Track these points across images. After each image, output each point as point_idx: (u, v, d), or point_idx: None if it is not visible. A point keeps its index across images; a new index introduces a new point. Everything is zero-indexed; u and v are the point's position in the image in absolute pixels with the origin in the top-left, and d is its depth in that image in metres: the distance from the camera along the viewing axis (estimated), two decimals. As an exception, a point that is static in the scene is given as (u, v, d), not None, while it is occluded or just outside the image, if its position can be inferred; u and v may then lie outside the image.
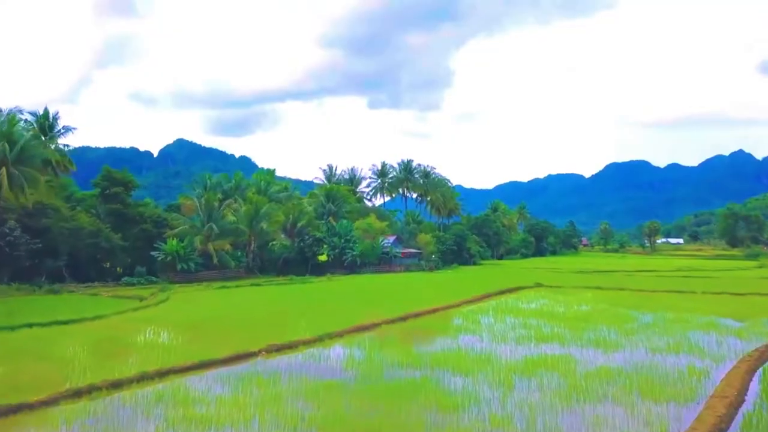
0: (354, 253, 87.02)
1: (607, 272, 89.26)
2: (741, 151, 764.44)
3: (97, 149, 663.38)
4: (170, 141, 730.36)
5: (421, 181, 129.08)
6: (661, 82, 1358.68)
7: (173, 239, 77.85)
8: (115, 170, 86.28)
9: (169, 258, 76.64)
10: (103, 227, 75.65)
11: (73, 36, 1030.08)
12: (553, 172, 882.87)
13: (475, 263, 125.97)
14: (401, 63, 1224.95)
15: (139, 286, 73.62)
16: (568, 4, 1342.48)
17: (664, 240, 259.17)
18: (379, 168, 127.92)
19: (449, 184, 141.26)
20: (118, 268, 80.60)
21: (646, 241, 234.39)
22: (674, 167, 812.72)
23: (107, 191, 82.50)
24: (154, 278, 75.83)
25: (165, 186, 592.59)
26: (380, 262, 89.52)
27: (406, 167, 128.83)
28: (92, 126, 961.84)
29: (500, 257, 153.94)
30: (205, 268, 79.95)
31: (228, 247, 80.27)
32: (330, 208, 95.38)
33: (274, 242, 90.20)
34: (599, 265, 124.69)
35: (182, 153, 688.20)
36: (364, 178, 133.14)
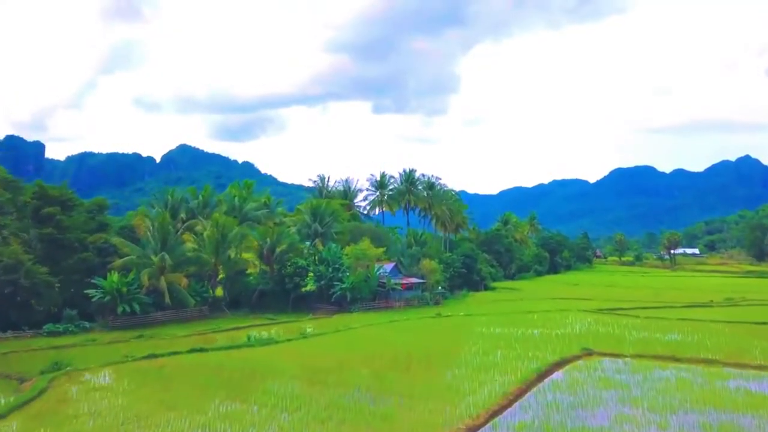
0: (343, 285, 70.07)
1: (654, 309, 71.74)
2: (748, 157, 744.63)
3: (98, 155, 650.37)
4: (173, 146, 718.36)
5: (425, 193, 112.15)
6: (668, 86, 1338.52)
7: (114, 273, 61.13)
8: (50, 185, 69.93)
9: (107, 298, 59.92)
10: (25, 259, 58.90)
11: (78, 41, 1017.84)
12: (558, 178, 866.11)
13: (486, 287, 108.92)
14: (407, 68, 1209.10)
15: (67, 335, 57.05)
16: (579, 8, 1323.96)
17: (680, 251, 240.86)
18: (378, 179, 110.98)
19: (456, 196, 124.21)
20: (52, 308, 63.92)
21: (664, 253, 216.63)
22: (680, 173, 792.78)
23: (40, 212, 65.97)
24: (87, 324, 59.13)
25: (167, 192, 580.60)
26: (375, 296, 72.48)
27: (408, 178, 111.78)
28: (95, 131, 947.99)
29: (513, 276, 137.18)
30: (157, 308, 63.15)
31: (184, 282, 63.35)
32: (316, 229, 78.39)
33: (248, 272, 73.37)
34: (628, 289, 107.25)
35: (185, 158, 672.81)
36: (360, 190, 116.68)
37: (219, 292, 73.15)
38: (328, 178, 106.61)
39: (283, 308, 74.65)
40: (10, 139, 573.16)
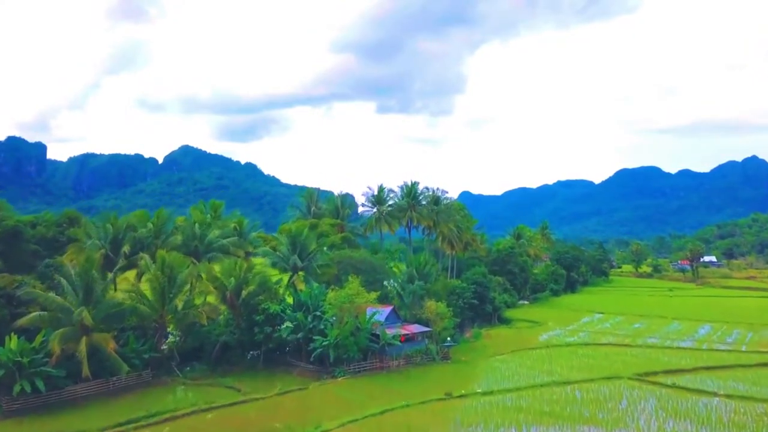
0: (325, 341, 53.56)
1: (725, 368, 54.68)
2: (754, 157, 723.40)
3: (101, 156, 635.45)
4: (176, 147, 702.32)
5: (430, 208, 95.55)
6: (674, 87, 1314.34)
7: (14, 337, 44.86)
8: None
9: (1, 372, 43.62)
10: None
11: (83, 42, 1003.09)
12: (562, 178, 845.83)
13: (500, 318, 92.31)
14: (413, 68, 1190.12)
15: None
16: (588, 8, 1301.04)
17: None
18: (375, 193, 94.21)
19: (464, 210, 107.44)
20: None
21: (684, 263, 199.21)
22: (685, 173, 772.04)
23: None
24: (-31, 410, 42.84)
25: (168, 193, 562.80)
26: (367, 355, 55.90)
27: (410, 192, 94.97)
28: (98, 132, 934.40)
29: (528, 298, 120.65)
30: (75, 380, 46.81)
31: (111, 345, 46.88)
32: (295, 263, 61.85)
33: (207, 320, 56.76)
34: (665, 322, 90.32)
35: (187, 159, 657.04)
36: (361, 207, 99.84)
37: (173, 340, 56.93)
38: (318, 193, 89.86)
39: (251, 365, 58.32)
40: (12, 140, 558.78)
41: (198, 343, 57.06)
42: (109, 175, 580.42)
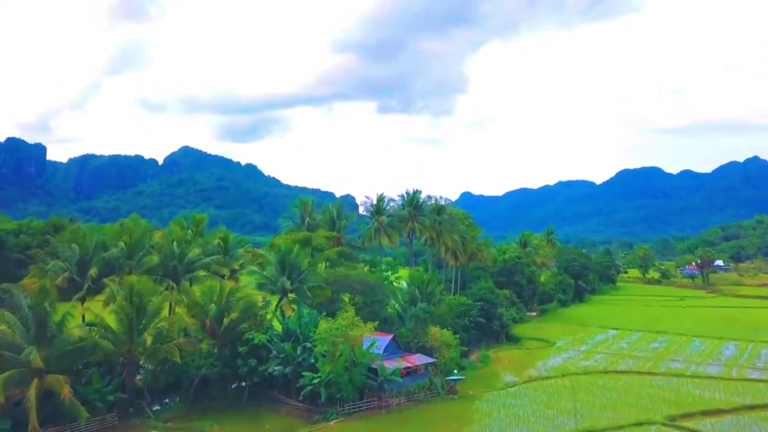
0: (315, 379, 46.77)
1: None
2: (756, 158, 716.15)
3: (101, 157, 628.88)
4: (176, 148, 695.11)
5: (432, 218, 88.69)
6: (675, 87, 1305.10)
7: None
8: None
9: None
10: None
11: (84, 42, 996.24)
12: (564, 179, 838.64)
13: (508, 336, 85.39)
14: (414, 68, 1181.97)
15: None
16: (591, 8, 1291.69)
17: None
18: (374, 202, 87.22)
19: (470, 219, 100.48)
20: None
21: (692, 268, 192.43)
22: (687, 174, 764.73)
23: None
24: None
25: (168, 194, 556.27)
26: (364, 393, 49.09)
27: (412, 201, 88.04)
28: (98, 133, 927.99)
29: (535, 309, 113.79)
30: None
31: (65, 390, 40.10)
32: (283, 285, 54.99)
33: (183, 353, 49.95)
34: (687, 341, 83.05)
35: (188, 160, 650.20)
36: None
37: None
38: (313, 203, 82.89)
39: (235, 402, 51.59)
40: (11, 141, 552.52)
41: (173, 377, 50.27)
42: (110, 177, 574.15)
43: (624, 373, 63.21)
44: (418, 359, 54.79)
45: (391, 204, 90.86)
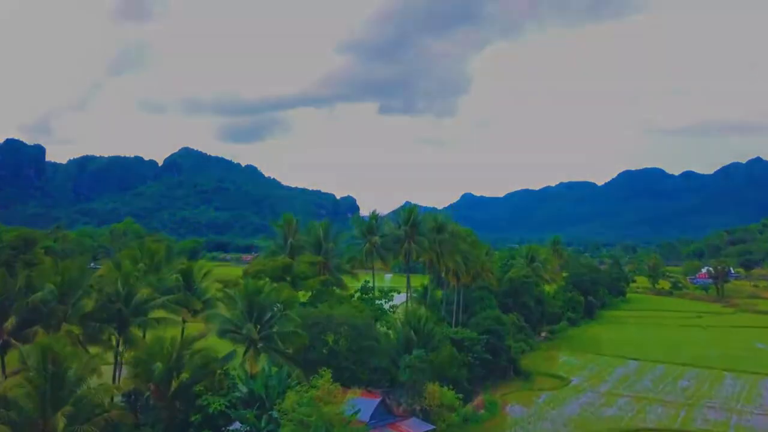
0: (282, 462, 36.64)
1: None
2: (759, 159, 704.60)
3: (100, 158, 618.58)
4: (176, 149, 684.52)
5: (432, 237, 78.70)
6: (678, 88, 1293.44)
7: None
8: None
9: None
10: None
11: (85, 43, 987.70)
12: (565, 180, 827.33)
13: (516, 370, 75.04)
14: (417, 69, 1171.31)
15: None
16: (592, 9, 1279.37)
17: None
18: (368, 217, 76.98)
19: (474, 236, 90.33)
20: None
21: (702, 277, 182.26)
22: (689, 175, 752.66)
23: None
24: None
25: (168, 196, 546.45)
26: (342, 478, 39.10)
27: (409, 219, 77.98)
28: (98, 134, 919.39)
29: (544, 330, 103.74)
30: None
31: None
32: (249, 332, 44.81)
33: (122, 425, 39.73)
34: (719, 375, 72.67)
35: (188, 162, 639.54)
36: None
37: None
38: (297, 222, 72.78)
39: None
40: (10, 142, 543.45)
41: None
42: (109, 178, 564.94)
43: (655, 431, 52.96)
44: (413, 426, 44.57)
45: (386, 221, 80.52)
